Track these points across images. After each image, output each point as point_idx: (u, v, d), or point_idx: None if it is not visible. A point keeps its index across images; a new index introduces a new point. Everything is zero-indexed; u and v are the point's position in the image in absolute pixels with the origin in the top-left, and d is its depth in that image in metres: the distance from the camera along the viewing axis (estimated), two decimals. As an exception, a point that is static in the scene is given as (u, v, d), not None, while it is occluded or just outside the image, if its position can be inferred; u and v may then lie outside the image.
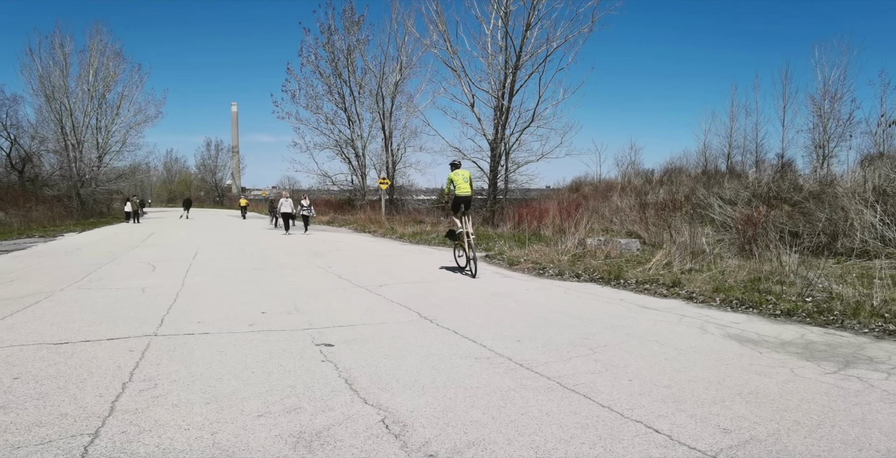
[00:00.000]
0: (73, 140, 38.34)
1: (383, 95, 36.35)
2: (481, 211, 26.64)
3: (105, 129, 40.63)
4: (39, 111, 38.68)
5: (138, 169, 48.08)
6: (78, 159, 38.70)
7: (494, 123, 26.05)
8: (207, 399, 3.52)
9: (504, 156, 26.45)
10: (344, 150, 38.50)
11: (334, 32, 36.69)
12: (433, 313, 6.29)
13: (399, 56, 35.31)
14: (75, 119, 38.49)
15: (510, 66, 24.96)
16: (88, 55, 38.99)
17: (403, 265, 11.32)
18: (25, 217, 29.15)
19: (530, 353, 4.65)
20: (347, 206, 37.96)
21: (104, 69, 39.75)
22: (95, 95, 39.59)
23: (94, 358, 4.51)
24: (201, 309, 6.57)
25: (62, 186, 38.58)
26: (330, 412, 3.29)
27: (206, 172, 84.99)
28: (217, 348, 4.77)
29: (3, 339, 5.19)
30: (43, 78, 37.56)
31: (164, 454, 2.76)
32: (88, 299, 7.37)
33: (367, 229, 24.87)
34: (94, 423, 3.16)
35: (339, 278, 9.31)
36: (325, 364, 4.29)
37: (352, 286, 8.33)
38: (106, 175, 41.32)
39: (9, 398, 3.59)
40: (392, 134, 36.78)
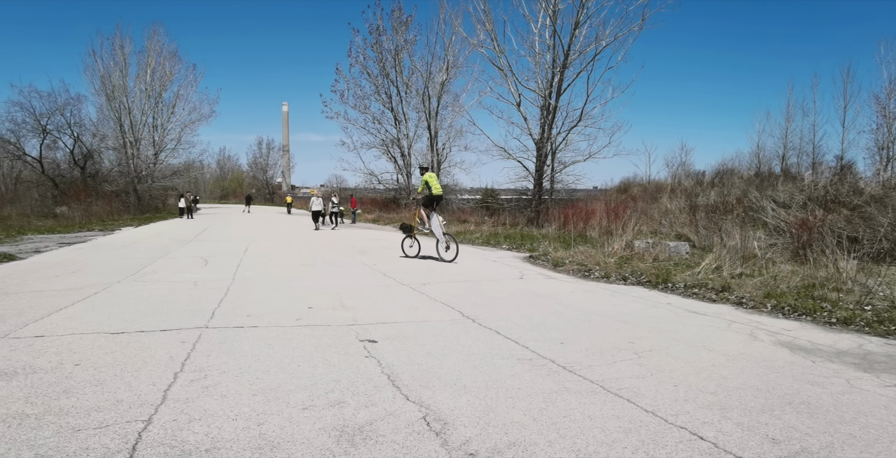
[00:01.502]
0: (132, 138, 39.87)
1: (429, 94, 36.52)
2: (525, 212, 26.49)
3: (161, 127, 42.12)
4: (100, 110, 40.42)
5: (192, 166, 49.62)
6: (135, 156, 40.24)
7: (541, 123, 25.85)
8: (255, 391, 3.63)
9: (550, 156, 26.23)
10: (390, 149, 38.86)
11: (382, 33, 37.07)
12: (476, 312, 6.31)
13: (446, 56, 35.43)
14: (133, 117, 40.03)
15: (558, 65, 24.73)
16: (146, 56, 40.50)
17: (447, 264, 11.36)
18: (86, 211, 30.53)
19: (574, 356, 4.61)
20: (393, 204, 38.32)
21: (161, 69, 41.21)
22: (152, 95, 41.08)
23: (148, 348, 4.69)
24: (251, 303, 6.76)
25: (120, 182, 40.17)
26: (373, 408, 3.34)
27: (258, 169, 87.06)
28: (265, 342, 4.91)
29: (65, 327, 5.45)
30: (104, 78, 39.23)
31: (213, 443, 2.86)
32: (143, 291, 7.67)
33: (412, 227, 25.02)
34: (147, 410, 3.30)
35: (384, 275, 9.41)
36: (369, 360, 4.36)
37: (395, 284, 8.42)
38: (161, 172, 42.82)
39: (70, 384, 3.78)
40: (437, 133, 36.93)
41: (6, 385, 3.75)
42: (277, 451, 2.77)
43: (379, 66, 37.60)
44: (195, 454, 2.73)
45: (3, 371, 4.05)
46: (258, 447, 2.80)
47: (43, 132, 38.06)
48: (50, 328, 5.42)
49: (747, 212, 16.18)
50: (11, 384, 3.79)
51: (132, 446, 2.81)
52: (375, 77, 37.86)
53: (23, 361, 4.32)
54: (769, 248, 10.34)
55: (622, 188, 33.64)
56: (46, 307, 6.43)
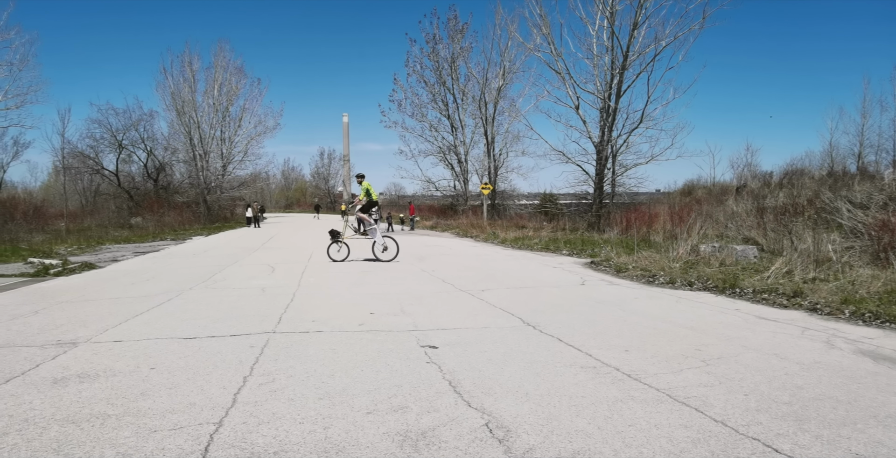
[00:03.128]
0: (201, 151, 41.65)
1: (486, 100, 36.61)
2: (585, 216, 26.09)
3: (229, 140, 43.84)
4: (171, 124, 42.43)
5: (258, 177, 51.39)
6: (205, 168, 42.00)
7: (600, 125, 25.47)
8: (320, 395, 3.71)
9: (611, 159, 25.78)
10: (447, 156, 39.14)
11: (439, 41, 37.47)
12: (536, 319, 6.25)
13: (502, 61, 35.46)
14: (202, 131, 41.82)
15: (616, 67, 24.34)
16: (213, 71, 42.33)
17: (506, 270, 11.32)
18: (159, 222, 32.05)
19: (638, 363, 4.50)
20: (450, 211, 38.51)
21: (227, 84, 42.95)
22: (220, 109, 42.84)
23: (218, 352, 4.87)
24: (315, 309, 6.92)
25: (191, 193, 41.98)
26: (435, 413, 3.36)
27: (320, 179, 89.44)
28: (329, 346, 5.01)
29: (141, 333, 5.73)
30: (174, 94, 41.18)
31: (281, 446, 2.93)
32: (214, 297, 7.97)
33: (469, 233, 25.07)
34: (218, 413, 3.42)
35: (443, 281, 9.46)
36: (430, 366, 4.38)
37: (455, 290, 8.44)
38: (229, 183, 44.51)
39: (147, 387, 3.96)
40: (494, 139, 36.94)
41: (89, 387, 3.97)
42: (342, 455, 2.82)
43: (435, 74, 38.02)
44: (264, 456, 2.81)
45: (86, 374, 4.29)
46: (324, 451, 2.86)
47: (119, 147, 40.28)
48: (127, 333, 5.70)
49: (820, 213, 15.40)
50: (94, 385, 4.00)
51: (204, 447, 2.92)
52: (432, 85, 38.30)
53: (103, 364, 4.56)
54: (845, 251, 9.80)
55: (686, 191, 32.68)
56: (124, 313, 6.78)
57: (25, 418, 3.38)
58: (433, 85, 38.27)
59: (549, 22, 26.12)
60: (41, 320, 6.57)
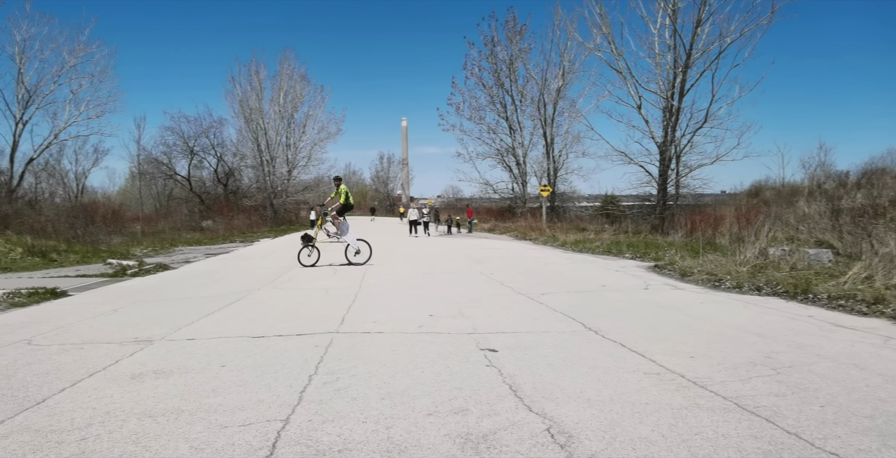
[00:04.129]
0: (268, 156, 43.13)
1: (545, 101, 36.34)
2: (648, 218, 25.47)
3: (293, 146, 45.25)
4: (240, 131, 44.19)
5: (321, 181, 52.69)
6: (271, 173, 43.46)
7: (663, 125, 24.85)
8: (382, 395, 3.77)
9: (674, 159, 25.11)
10: (505, 158, 39.04)
11: (497, 44, 37.47)
12: (598, 324, 6.14)
13: (561, 61, 35.13)
14: (269, 138, 43.30)
15: (679, 65, 23.69)
16: (279, 79, 43.80)
17: (566, 274, 11.18)
18: (228, 225, 33.34)
19: (704, 370, 4.35)
20: (508, 213, 38.36)
21: (292, 91, 44.35)
22: (285, 116, 44.28)
23: (285, 351, 5.02)
24: (376, 310, 7.04)
25: (258, 197, 43.51)
26: (495, 417, 3.35)
27: (380, 183, 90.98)
28: (390, 347, 5.09)
29: (212, 331, 5.97)
30: (242, 102, 42.86)
31: (345, 444, 3.00)
32: (280, 298, 8.23)
33: (528, 236, 24.90)
34: (285, 411, 3.52)
35: (501, 285, 9.43)
36: (490, 369, 4.38)
37: (513, 294, 8.40)
38: (294, 187, 45.92)
39: (218, 384, 4.13)
40: (553, 140, 36.59)
41: (164, 383, 4.16)
42: (405, 455, 2.85)
43: (494, 76, 38.03)
44: (328, 454, 2.88)
45: (161, 370, 4.50)
46: (386, 450, 2.90)
47: (191, 153, 42.24)
48: (199, 332, 5.96)
49: (905, 215, 14.47)
50: (168, 381, 4.20)
51: (272, 444, 3.01)
52: (490, 88, 38.33)
53: (177, 361, 4.78)
54: (934, 255, 9.17)
55: (753, 192, 31.41)
56: (196, 313, 7.08)
57: (107, 410, 3.58)
58: (491, 87, 38.31)
59: (609, 21, 25.74)
60: (119, 318, 6.94)
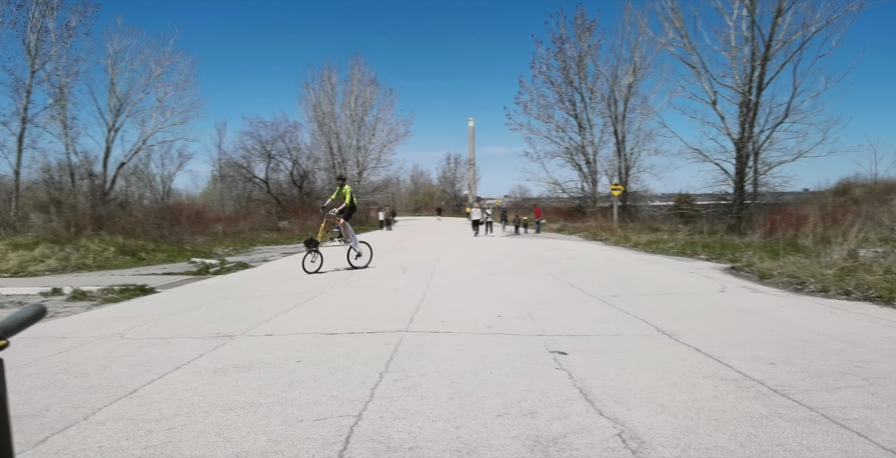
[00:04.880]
0: (339, 159, 44.36)
1: (615, 98, 35.56)
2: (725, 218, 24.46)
3: (364, 148, 46.35)
4: (313, 135, 45.70)
5: (390, 182, 53.79)
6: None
7: (740, 121, 23.80)
8: (451, 394, 3.80)
9: (752, 156, 24.02)
10: (574, 157, 38.46)
11: (566, 41, 37.00)
12: (672, 327, 5.96)
13: (632, 57, 34.27)
14: (341, 141, 44.56)
15: (758, 58, 22.64)
16: (350, 84, 44.97)
17: (638, 275, 10.91)
18: (303, 225, 34.47)
19: (786, 378, 4.15)
20: (577, 213, 37.73)
21: (362, 95, 45.47)
22: (356, 119, 45.42)
23: (357, 348, 5.15)
24: (444, 310, 7.10)
25: (331, 199, 44.70)
26: (565, 420, 3.32)
27: (446, 183, 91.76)
28: (459, 347, 5.12)
29: (289, 327, 6.20)
30: (316, 106, 44.27)
31: (415, 442, 3.05)
32: (352, 296, 8.44)
33: (598, 236, 24.42)
34: (357, 407, 3.62)
35: (571, 286, 9.30)
36: (559, 372, 4.34)
37: (584, 295, 8.27)
38: (364, 188, 47.00)
39: (294, 378, 4.28)
40: (625, 138, 35.73)
41: (244, 377, 4.36)
42: (474, 455, 2.87)
43: (562, 74, 37.57)
44: (399, 451, 2.94)
45: (241, 365, 4.72)
46: (456, 450, 2.93)
47: (268, 157, 43.89)
48: (277, 328, 6.20)
49: None
50: (248, 375, 4.40)
51: (345, 439, 3.10)
52: (559, 85, 37.88)
53: (256, 356, 4.99)
54: None
55: (840, 190, 29.51)
56: (274, 309, 7.36)
57: (192, 402, 3.79)
58: (560, 85, 37.83)
59: (681, 15, 24.92)
60: (203, 314, 7.31)
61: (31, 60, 26.95)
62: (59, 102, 27.94)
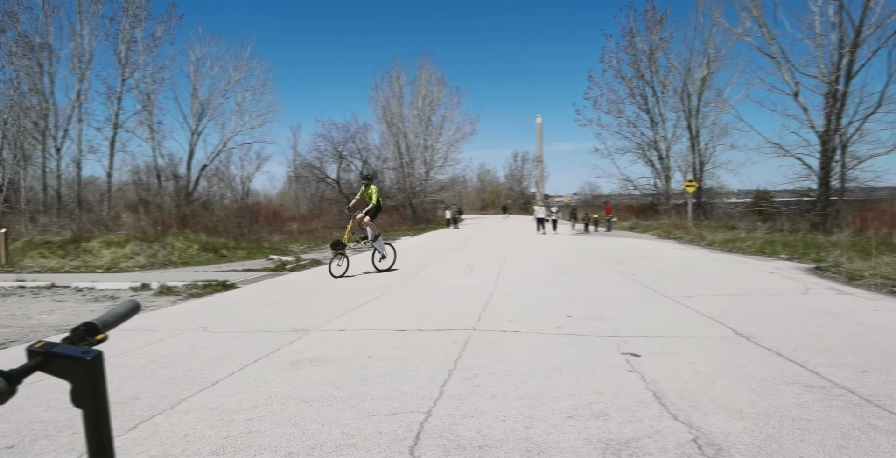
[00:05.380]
0: (407, 158, 45.00)
1: (689, 92, 34.37)
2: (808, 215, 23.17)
3: (431, 147, 46.86)
4: (382, 135, 46.69)
5: (457, 181, 54.06)
6: (410, 174, 45.30)
7: (826, 113, 22.46)
8: (521, 394, 3.79)
9: (839, 150, 22.60)
10: (646, 152, 37.44)
11: (636, 34, 36.10)
12: (751, 330, 5.70)
13: (706, 49, 33.04)
14: (408, 140, 45.21)
15: (846, 45, 21.26)
16: (418, 84, 45.59)
17: (714, 275, 10.50)
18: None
19: (881, 387, 3.89)
20: (650, 210, 36.70)
21: (430, 95, 45.99)
22: (423, 119, 45.99)
23: (425, 346, 5.21)
24: (512, 309, 7.07)
25: (398, 198, 45.56)
26: (638, 424, 3.25)
27: (513, 181, 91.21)
28: (527, 347, 5.09)
29: (359, 324, 6.35)
30: (385, 107, 45.12)
31: (485, 441, 3.06)
32: (419, 294, 8.54)
33: (672, 235, 23.67)
34: (427, 403, 3.66)
35: (643, 286, 9.06)
36: (632, 374, 4.24)
37: (657, 296, 8.04)
38: (431, 187, 47.53)
39: (365, 373, 4.38)
40: (699, 133, 34.48)
41: (318, 371, 4.50)
42: (544, 456, 2.85)
43: (633, 68, 36.67)
44: (469, 449, 2.96)
45: (316, 359, 4.87)
46: (525, 450, 2.92)
47: (339, 157, 45.13)
48: (348, 324, 6.36)
49: None
50: (322, 369, 4.54)
51: (416, 435, 3.15)
52: (629, 80, 36.98)
53: (330, 351, 5.14)
54: None
55: (945, 185, 27.34)
56: (345, 306, 7.55)
57: (269, 394, 3.94)
58: (630, 79, 36.89)
59: (759, 3, 23.71)
60: (279, 309, 7.59)
61: (122, 69, 28.83)
62: (147, 107, 29.80)
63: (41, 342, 0.89)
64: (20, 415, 3.54)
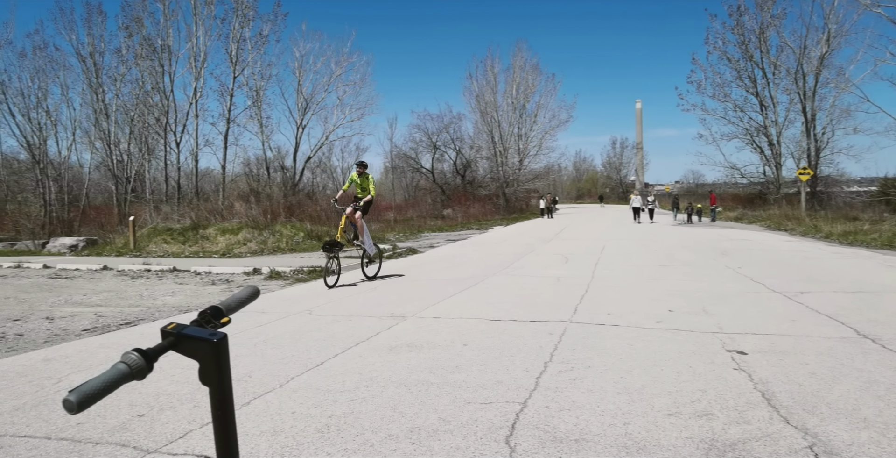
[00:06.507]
0: (501, 147, 44.83)
1: (804, 72, 31.87)
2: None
3: (525, 136, 46.42)
4: (476, 125, 46.76)
5: (551, 170, 53.23)
6: (504, 164, 45.11)
7: (975, 92, 20.02)
8: (619, 389, 3.71)
9: None
10: (755, 138, 35.16)
11: (744, 13, 33.85)
12: (876, 331, 5.24)
13: (825, 25, 30.44)
14: (502, 129, 44.99)
15: None
16: (512, 72, 45.24)
17: (831, 270, 9.73)
18: (466, 213, 35.50)
19: None
20: (758, 200, 34.52)
21: (524, 82, 45.48)
22: (517, 107, 45.58)
23: (520, 336, 5.21)
24: (609, 301, 6.91)
25: (492, 187, 45.60)
26: (745, 425, 3.09)
27: (611, 169, 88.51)
28: (626, 341, 4.97)
29: (454, 312, 6.44)
30: (478, 96, 45.11)
31: (581, 435, 3.02)
32: (514, 284, 8.52)
33: (783, 226, 22.16)
34: (522, 394, 3.67)
35: (751, 280, 8.56)
36: (738, 373, 4.03)
37: (765, 291, 7.57)
38: (525, 176, 47.10)
39: (460, 361, 4.45)
40: (815, 116, 31.92)
41: (416, 356, 4.62)
42: (643, 453, 2.78)
43: (740, 48, 34.47)
44: (565, 442, 2.94)
45: (413, 344, 5.00)
46: (624, 446, 2.87)
47: (433, 148, 45.76)
48: (444, 311, 6.47)
49: None
50: (419, 355, 4.65)
51: (511, 424, 3.17)
52: (736, 61, 34.81)
53: (426, 337, 5.26)
54: None
55: None
56: (441, 294, 7.68)
57: (370, 377, 4.10)
58: (737, 61, 34.65)
59: (896, -31, 21.45)
60: (378, 295, 7.84)
61: (233, 67, 30.64)
62: (256, 103, 31.58)
63: (173, 324, 0.96)
64: (149, 387, 3.89)
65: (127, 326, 6.38)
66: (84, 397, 0.83)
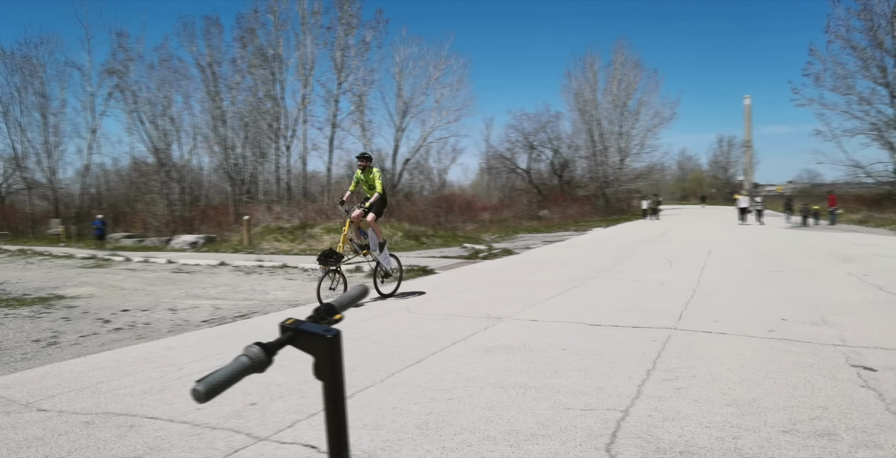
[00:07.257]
0: (600, 146, 43.81)
1: (947, 60, 28.65)
2: None
3: (626, 134, 45.12)
4: (574, 124, 46.07)
5: (654, 169, 51.27)
6: (604, 163, 44.05)
7: None
8: (727, 401, 3.52)
9: None
10: (883, 133, 32.13)
11: (874, -5, 30.92)
12: None
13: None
14: (602, 127, 43.96)
15: None
16: (612, 69, 44.06)
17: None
18: (563, 214, 35.01)
19: None
20: (886, 202, 31.48)
21: (625, 79, 44.25)
22: (618, 104, 44.39)
23: (621, 342, 5.06)
24: (716, 308, 6.57)
25: (590, 187, 44.62)
26: (876, 450, 2.82)
27: (718, 168, 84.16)
28: (735, 351, 4.70)
29: (552, 315, 6.36)
30: (577, 95, 44.36)
31: (686, 446, 2.89)
32: (614, 288, 8.29)
33: (920, 231, 20.10)
34: (624, 402, 3.56)
35: (879, 289, 7.83)
36: (865, 391, 3.70)
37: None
38: (626, 176, 45.74)
39: (559, 365, 4.39)
40: (960, 109, 28.65)
41: (513, 358, 4.61)
42: (755, 470, 2.63)
43: (868, 35, 31.60)
44: (669, 453, 2.82)
45: (510, 346, 4.99)
46: (734, 462, 2.72)
47: (530, 148, 45.44)
48: (541, 314, 6.41)
49: None
50: (516, 357, 4.64)
51: (612, 432, 3.09)
52: (862, 50, 31.94)
53: (523, 340, 5.23)
54: None
55: None
56: (537, 296, 7.61)
57: (467, 377, 4.13)
58: (863, 49, 31.76)
59: None
60: (474, 295, 7.90)
61: (338, 74, 32.03)
62: (359, 108, 32.90)
63: (290, 320, 1.01)
64: (261, 377, 4.10)
65: (241, 318, 6.82)
66: (211, 387, 0.90)
